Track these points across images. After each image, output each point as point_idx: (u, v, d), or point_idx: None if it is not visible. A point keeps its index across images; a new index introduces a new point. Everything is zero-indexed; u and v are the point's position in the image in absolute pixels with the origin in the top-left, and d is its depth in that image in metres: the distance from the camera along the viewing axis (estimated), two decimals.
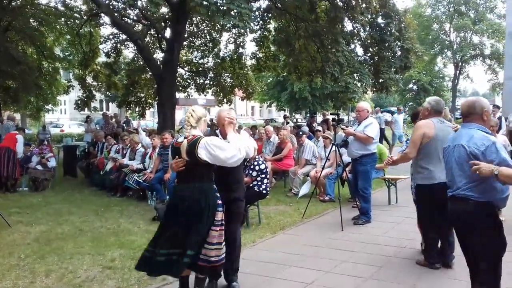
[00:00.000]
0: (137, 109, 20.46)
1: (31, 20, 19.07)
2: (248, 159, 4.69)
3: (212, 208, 3.67)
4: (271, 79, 33.83)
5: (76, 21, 18.51)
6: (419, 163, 4.70)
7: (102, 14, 15.72)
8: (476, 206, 3.15)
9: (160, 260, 3.62)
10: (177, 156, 3.76)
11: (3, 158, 9.81)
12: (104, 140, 11.16)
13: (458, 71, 42.44)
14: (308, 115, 29.38)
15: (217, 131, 4.21)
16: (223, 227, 3.78)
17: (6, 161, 9.81)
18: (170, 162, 4.04)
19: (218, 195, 3.77)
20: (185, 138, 3.74)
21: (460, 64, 41.75)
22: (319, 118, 26.00)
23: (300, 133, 10.96)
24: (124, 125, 17.82)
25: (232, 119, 3.97)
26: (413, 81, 42.84)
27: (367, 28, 15.18)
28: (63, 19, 19.17)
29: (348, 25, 15.80)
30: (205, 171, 3.72)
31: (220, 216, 3.74)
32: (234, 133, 3.92)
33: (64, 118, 40.97)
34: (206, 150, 3.61)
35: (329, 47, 14.70)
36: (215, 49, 19.08)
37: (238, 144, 3.73)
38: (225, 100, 20.85)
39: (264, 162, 7.00)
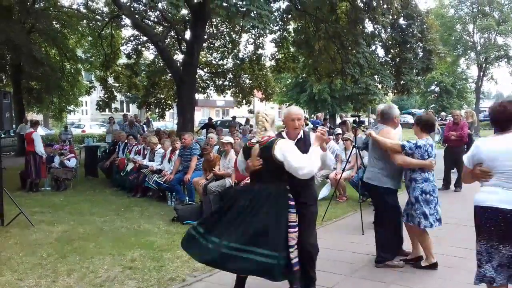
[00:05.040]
0: (157, 110, 20.65)
1: (54, 22, 19.49)
2: None
3: (284, 208, 3.67)
4: (290, 80, 33.71)
5: (98, 23, 18.84)
6: None
7: (123, 16, 15.90)
8: None
9: (227, 253, 3.57)
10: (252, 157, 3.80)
11: (30, 163, 10.00)
12: (126, 141, 11.24)
13: (481, 73, 41.59)
14: (327, 117, 29.17)
15: (283, 133, 4.06)
16: (297, 230, 3.76)
17: (34, 165, 10.00)
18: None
19: (291, 196, 3.77)
20: (257, 141, 3.78)
21: (484, 65, 40.90)
22: (338, 120, 25.80)
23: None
24: (145, 125, 18.00)
25: (325, 133, 3.85)
26: (435, 82, 42.17)
27: (388, 29, 15.00)
28: (85, 21, 19.55)
29: (369, 26, 15.67)
30: (279, 173, 3.71)
31: (293, 218, 3.73)
32: (317, 147, 3.81)
33: (86, 118, 41.61)
34: (281, 153, 3.64)
35: (349, 48, 14.57)
36: (235, 50, 19.12)
37: (314, 159, 3.71)
38: (244, 101, 20.88)
39: None
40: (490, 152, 3.24)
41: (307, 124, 17.63)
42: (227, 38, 19.16)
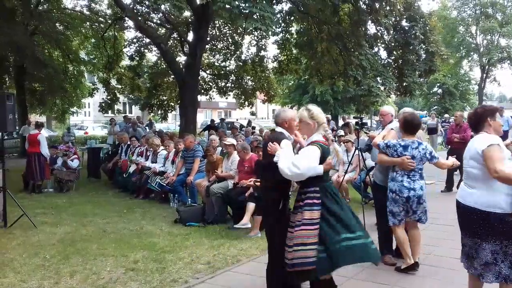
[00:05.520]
0: (159, 111, 20.68)
1: (57, 24, 19.54)
2: None
3: None
4: (292, 82, 33.74)
5: (101, 25, 18.90)
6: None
7: (126, 18, 15.94)
8: None
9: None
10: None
11: (34, 164, 10.06)
12: (128, 142, 11.27)
13: (484, 74, 41.52)
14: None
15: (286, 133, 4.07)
16: None
17: (38, 166, 10.07)
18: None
19: None
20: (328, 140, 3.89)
21: (486, 67, 40.84)
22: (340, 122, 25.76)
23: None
24: (147, 127, 18.04)
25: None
26: (438, 84, 42.08)
27: (391, 31, 14.98)
28: (88, 23, 19.62)
29: (372, 28, 15.65)
30: None
31: None
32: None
33: (88, 120, 41.67)
34: None
35: (352, 50, 14.57)
36: (237, 52, 19.13)
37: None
38: (246, 103, 20.89)
39: None
40: (465, 152, 3.56)
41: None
42: (230, 40, 19.16)
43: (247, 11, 10.42)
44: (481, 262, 3.32)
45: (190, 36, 16.04)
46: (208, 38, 16.74)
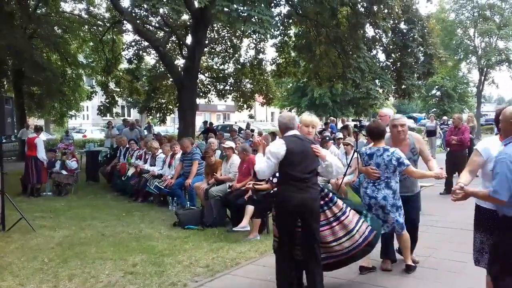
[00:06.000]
0: (158, 115, 20.68)
1: (56, 28, 19.55)
2: None
3: None
4: (291, 84, 33.77)
5: (99, 28, 18.92)
6: None
7: (125, 22, 15.97)
8: None
9: None
10: None
11: (31, 167, 10.04)
12: (127, 145, 11.26)
13: (483, 77, 41.56)
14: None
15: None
16: None
17: (35, 170, 10.05)
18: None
19: None
20: None
21: (485, 69, 40.88)
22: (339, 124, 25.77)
23: (327, 138, 10.77)
24: (146, 130, 18.03)
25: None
26: (437, 86, 42.17)
27: (389, 34, 15.03)
28: (86, 27, 19.63)
29: (370, 31, 15.71)
30: None
31: None
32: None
33: (87, 123, 41.64)
34: None
35: (350, 53, 14.61)
36: (236, 55, 19.17)
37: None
38: (245, 105, 20.92)
39: None
40: None
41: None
42: (228, 43, 19.21)
43: (245, 14, 10.46)
44: (476, 249, 3.59)
45: (189, 39, 16.04)
46: (207, 41, 16.75)
